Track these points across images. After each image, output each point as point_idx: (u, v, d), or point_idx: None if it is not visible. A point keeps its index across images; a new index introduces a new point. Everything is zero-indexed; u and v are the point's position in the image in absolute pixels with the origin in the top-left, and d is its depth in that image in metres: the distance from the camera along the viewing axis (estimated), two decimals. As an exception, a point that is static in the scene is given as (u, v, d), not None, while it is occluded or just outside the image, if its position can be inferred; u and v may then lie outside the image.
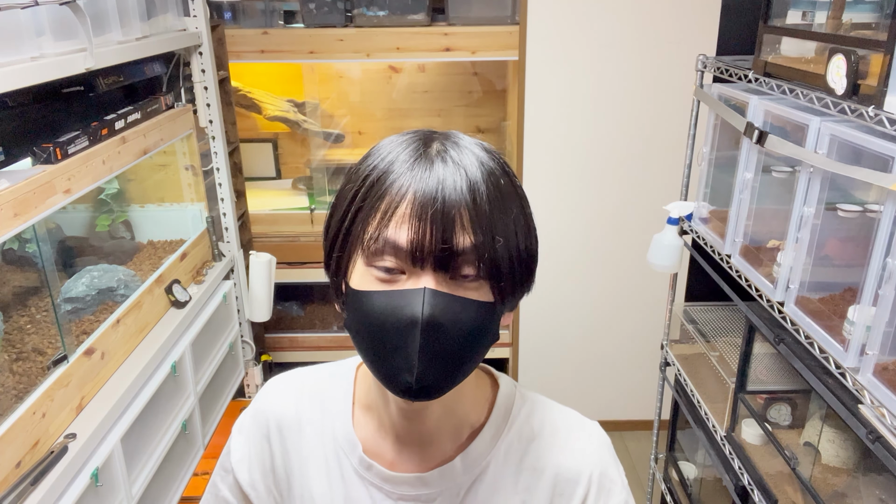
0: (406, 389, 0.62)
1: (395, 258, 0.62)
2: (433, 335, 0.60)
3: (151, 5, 1.77)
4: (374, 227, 0.62)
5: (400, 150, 0.65)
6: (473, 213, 0.61)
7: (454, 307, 0.61)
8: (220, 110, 2.14)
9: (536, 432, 0.75)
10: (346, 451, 0.75)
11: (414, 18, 2.34)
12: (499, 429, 0.74)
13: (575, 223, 2.53)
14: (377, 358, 0.64)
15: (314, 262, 2.62)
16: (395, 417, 0.73)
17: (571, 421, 0.77)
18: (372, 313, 0.62)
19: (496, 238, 0.62)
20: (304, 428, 0.78)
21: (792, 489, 1.51)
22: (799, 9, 1.49)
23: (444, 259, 0.61)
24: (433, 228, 0.60)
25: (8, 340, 1.37)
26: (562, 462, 0.74)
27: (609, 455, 0.76)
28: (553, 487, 0.73)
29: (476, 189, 0.62)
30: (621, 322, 2.68)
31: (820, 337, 1.27)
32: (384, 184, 0.63)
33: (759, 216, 1.59)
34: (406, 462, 0.74)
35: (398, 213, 0.61)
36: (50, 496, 1.20)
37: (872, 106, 1.11)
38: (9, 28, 1.20)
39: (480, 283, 0.63)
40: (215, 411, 2.04)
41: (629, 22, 2.28)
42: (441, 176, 0.61)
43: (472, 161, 0.63)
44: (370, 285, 0.63)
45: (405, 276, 0.62)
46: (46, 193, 1.29)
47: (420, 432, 0.73)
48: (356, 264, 0.65)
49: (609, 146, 2.43)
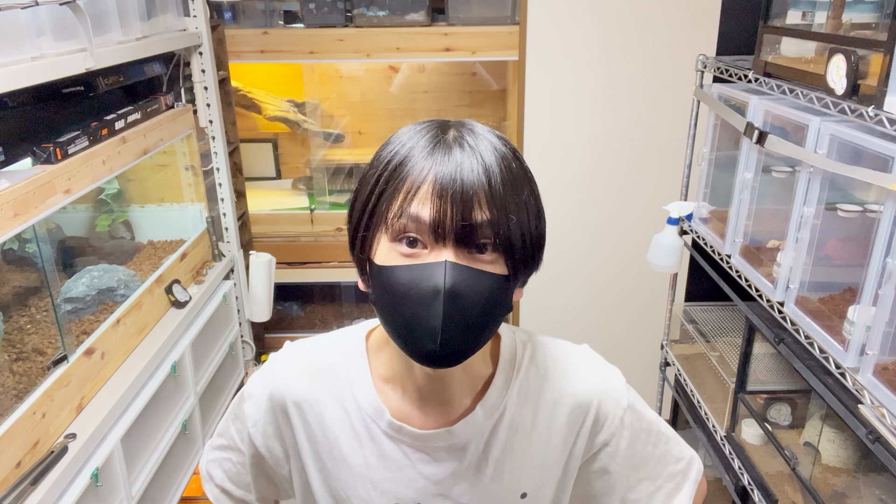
0: (430, 357, 0.68)
1: (417, 233, 0.67)
2: (454, 304, 0.65)
3: (151, 5, 1.77)
4: (398, 204, 0.67)
5: (419, 137, 0.70)
6: (489, 193, 0.66)
7: (473, 278, 0.67)
8: (220, 110, 2.13)
9: (542, 370, 0.83)
10: (374, 418, 0.79)
11: (414, 18, 2.34)
12: (508, 374, 0.82)
13: (575, 223, 2.53)
14: (403, 328, 0.68)
15: (314, 262, 2.62)
16: (421, 382, 0.78)
17: (568, 351, 0.87)
18: (397, 286, 0.67)
19: (509, 216, 0.67)
20: (322, 400, 0.81)
21: (792, 489, 1.51)
22: (799, 9, 1.49)
23: (463, 234, 0.66)
24: (453, 206, 0.65)
25: (8, 340, 1.37)
26: (574, 389, 0.83)
27: (606, 371, 0.86)
28: (570, 413, 0.82)
29: (491, 172, 0.67)
30: (621, 322, 2.67)
31: (820, 337, 1.27)
32: (406, 167, 0.68)
33: (759, 216, 1.59)
34: (432, 421, 0.79)
35: (421, 192, 0.67)
36: (50, 496, 1.20)
37: (872, 106, 1.11)
38: (9, 28, 1.20)
39: (496, 257, 0.68)
40: (215, 411, 2.04)
41: (629, 22, 2.28)
42: (459, 160, 0.67)
43: (486, 147, 0.69)
44: (395, 260, 0.68)
45: (427, 250, 0.67)
46: (46, 193, 1.29)
47: (443, 393, 0.79)
48: (380, 242, 0.70)
49: (609, 146, 2.43)
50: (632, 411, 0.85)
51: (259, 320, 2.39)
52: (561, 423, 0.82)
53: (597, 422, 0.84)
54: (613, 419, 0.84)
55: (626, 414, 0.85)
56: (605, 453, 0.85)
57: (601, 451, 0.85)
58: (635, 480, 0.87)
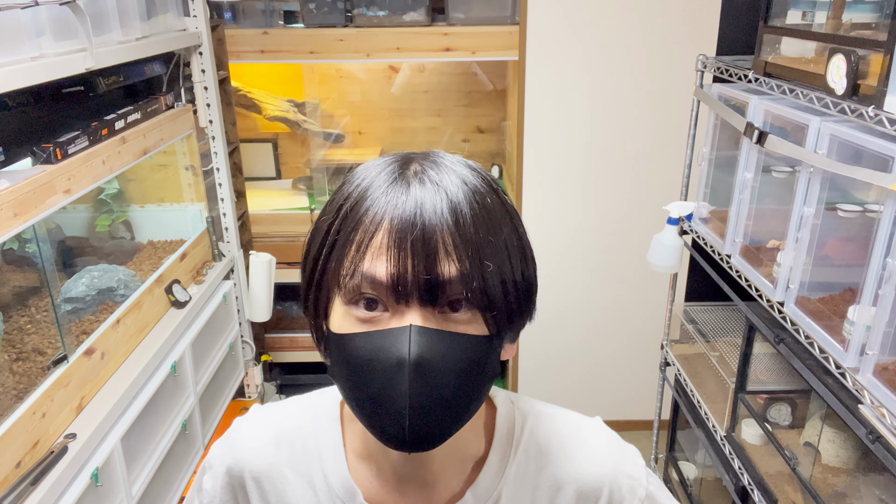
0: (399, 441, 0.57)
1: (374, 293, 0.56)
2: (423, 378, 0.55)
3: (151, 5, 1.77)
4: (350, 261, 0.57)
5: (375, 174, 0.60)
6: (457, 236, 0.55)
7: (444, 344, 0.55)
8: (220, 110, 2.13)
9: (544, 448, 0.70)
10: (345, 500, 0.69)
11: (414, 18, 2.34)
12: (504, 453, 0.69)
13: (575, 223, 2.53)
14: (365, 407, 0.58)
15: (314, 262, 2.62)
16: (397, 463, 0.67)
17: (575, 426, 0.73)
18: (354, 358, 0.57)
19: (485, 263, 0.56)
20: (286, 476, 0.71)
21: (792, 489, 1.51)
22: (799, 9, 1.49)
23: (429, 291, 0.55)
24: (414, 258, 0.54)
25: (8, 340, 1.37)
26: (580, 473, 0.69)
27: (620, 450, 0.72)
28: (576, 501, 0.69)
29: (458, 210, 0.56)
30: (621, 322, 2.68)
31: (820, 337, 1.27)
32: (358, 212, 0.57)
33: (759, 216, 1.59)
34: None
35: (374, 243, 0.56)
36: (50, 496, 1.20)
37: (872, 106, 1.11)
38: (9, 28, 1.20)
39: (472, 314, 0.57)
40: (215, 411, 2.04)
41: (629, 22, 2.28)
42: (419, 198, 0.56)
43: (453, 180, 0.58)
44: (351, 327, 0.58)
45: (388, 314, 0.57)
46: (46, 193, 1.29)
47: (424, 475, 0.68)
48: (335, 305, 0.59)
49: (609, 146, 2.43)
50: (651, 503, 0.70)
51: (259, 320, 2.39)
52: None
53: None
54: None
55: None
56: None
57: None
58: None
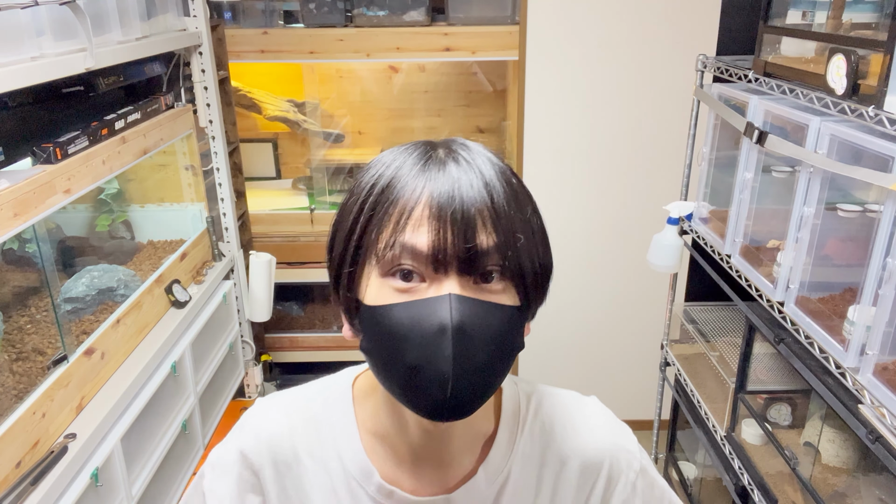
0: (439, 408, 0.58)
1: (413, 265, 0.58)
2: (464, 343, 0.56)
3: (151, 5, 1.77)
4: (389, 233, 0.58)
5: (405, 156, 0.62)
6: (492, 210, 0.58)
7: (483, 312, 0.57)
8: (220, 110, 2.13)
9: (549, 426, 0.74)
10: (361, 481, 0.70)
11: (414, 18, 2.34)
12: (512, 432, 0.72)
13: (575, 223, 2.53)
14: (405, 378, 0.58)
15: (314, 262, 2.62)
16: (416, 441, 0.68)
17: (575, 404, 0.77)
18: (394, 329, 0.57)
19: (517, 236, 0.59)
20: (302, 461, 0.72)
21: (792, 489, 1.51)
22: (799, 9, 1.49)
23: (468, 261, 0.57)
24: (454, 229, 0.56)
25: (8, 340, 1.37)
26: (583, 448, 0.73)
27: (617, 427, 0.77)
28: (580, 474, 0.73)
29: (492, 186, 0.59)
30: (621, 322, 2.67)
31: (820, 337, 1.27)
32: (395, 188, 0.59)
33: (759, 216, 1.59)
34: (428, 485, 0.70)
35: (415, 215, 0.57)
36: (50, 496, 1.20)
37: (872, 106, 1.11)
38: (9, 28, 1.20)
39: (505, 285, 0.60)
40: (215, 411, 2.04)
41: (629, 22, 2.28)
42: (456, 175, 0.59)
43: (483, 161, 0.61)
44: (388, 298, 0.58)
45: (426, 284, 0.58)
46: (46, 193, 1.29)
47: (441, 454, 0.69)
48: (370, 279, 0.60)
49: (609, 146, 2.43)
50: (644, 476, 0.75)
51: (259, 320, 2.39)
52: (569, 485, 0.73)
53: (609, 486, 0.74)
54: (626, 484, 0.74)
55: (639, 479, 0.75)
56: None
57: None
58: None
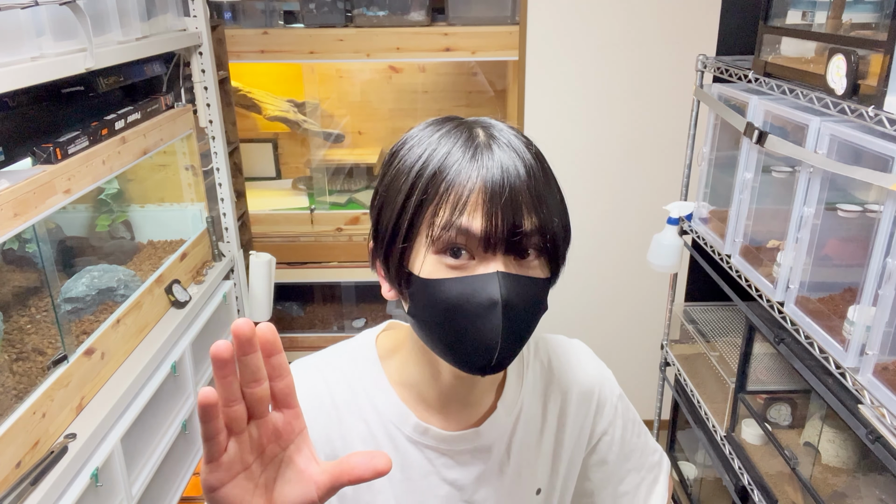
0: (483, 368, 0.67)
1: (466, 244, 0.65)
2: (510, 315, 0.64)
3: (151, 5, 1.77)
4: (447, 216, 0.64)
5: (448, 139, 0.68)
6: (534, 194, 0.65)
7: (523, 287, 0.66)
8: (220, 110, 2.13)
9: (546, 364, 0.85)
10: (397, 423, 0.78)
11: (414, 18, 2.34)
12: (519, 372, 0.83)
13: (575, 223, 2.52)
14: (455, 342, 0.67)
15: (314, 262, 2.62)
16: (447, 387, 0.76)
17: (567, 346, 0.90)
18: (449, 300, 0.65)
19: (553, 219, 0.67)
20: (339, 410, 0.79)
21: (792, 489, 1.51)
22: (799, 9, 1.49)
23: (515, 243, 0.65)
24: (504, 214, 0.64)
25: (8, 340, 1.37)
26: (579, 379, 0.86)
27: (599, 362, 0.90)
28: (578, 403, 0.85)
29: (532, 171, 0.66)
30: (621, 322, 2.67)
31: (820, 337, 1.27)
32: (448, 173, 0.65)
33: (759, 216, 1.59)
34: (456, 423, 0.79)
35: (470, 201, 0.64)
36: (50, 496, 1.20)
37: (872, 106, 1.11)
38: (9, 28, 1.20)
39: (538, 260, 0.68)
40: (215, 411, 2.04)
41: (629, 22, 2.28)
42: (503, 162, 0.65)
43: (519, 144, 0.67)
44: (441, 273, 0.66)
45: (475, 261, 0.66)
46: (46, 193, 1.29)
47: (469, 396, 0.78)
48: (422, 254, 0.67)
49: (609, 146, 2.43)
50: (622, 400, 0.89)
51: (259, 320, 2.38)
52: (571, 413, 0.84)
53: (598, 410, 0.86)
54: (610, 407, 0.87)
55: (619, 402, 0.88)
56: (603, 442, 0.88)
57: (600, 440, 0.87)
58: (625, 471, 0.89)
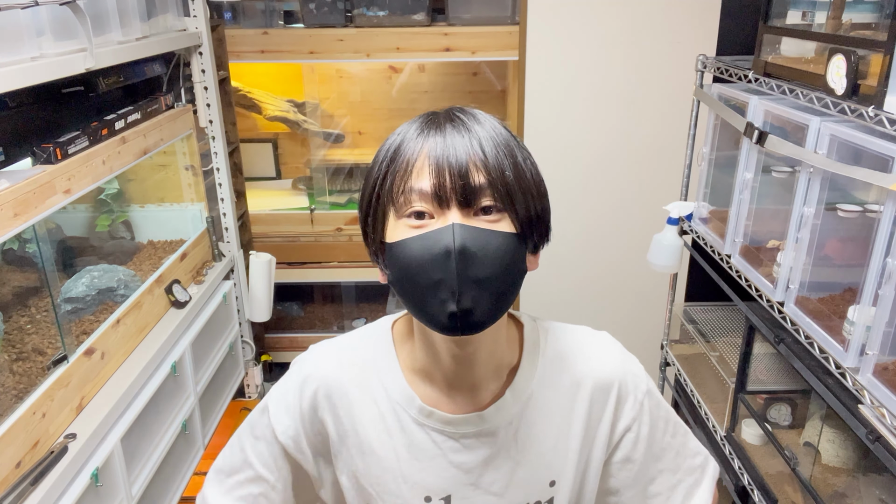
0: (453, 320, 0.69)
1: (422, 203, 0.70)
2: (468, 262, 0.68)
3: (151, 5, 1.77)
4: (399, 180, 0.71)
5: (411, 124, 0.76)
6: (483, 156, 0.71)
7: (482, 236, 0.69)
8: (220, 110, 2.13)
9: (563, 354, 0.85)
10: (404, 405, 0.81)
11: (414, 18, 2.34)
12: (533, 362, 0.83)
13: (574, 223, 2.53)
14: (421, 298, 0.70)
15: (314, 262, 2.62)
16: (448, 367, 0.79)
17: (588, 336, 0.88)
18: (410, 257, 0.70)
19: (506, 174, 0.71)
20: (351, 391, 0.83)
21: (792, 489, 1.51)
22: (799, 9, 1.49)
23: (465, 195, 0.69)
24: (450, 171, 0.69)
25: (8, 340, 1.37)
26: (594, 371, 0.84)
27: (625, 354, 0.87)
28: (591, 395, 0.83)
29: (482, 138, 0.72)
30: (621, 322, 2.67)
31: (820, 337, 1.27)
32: (402, 149, 0.73)
33: (759, 216, 1.59)
34: (461, 407, 0.81)
35: (418, 164, 0.71)
36: (50, 496, 1.20)
37: (872, 106, 1.11)
38: (9, 28, 1.20)
39: (501, 216, 0.71)
40: (215, 411, 2.04)
41: (629, 22, 2.28)
42: (450, 131, 0.72)
43: (479, 119, 0.74)
44: (405, 234, 0.71)
45: (434, 220, 0.70)
46: (46, 193, 1.29)
47: (470, 378, 0.80)
48: (389, 222, 0.73)
49: (609, 146, 2.43)
50: (650, 397, 0.86)
51: (259, 320, 2.39)
52: (583, 405, 0.83)
53: (619, 404, 0.84)
54: (634, 403, 0.84)
55: (646, 399, 0.85)
56: (627, 440, 0.85)
57: (623, 437, 0.85)
58: (656, 471, 0.87)
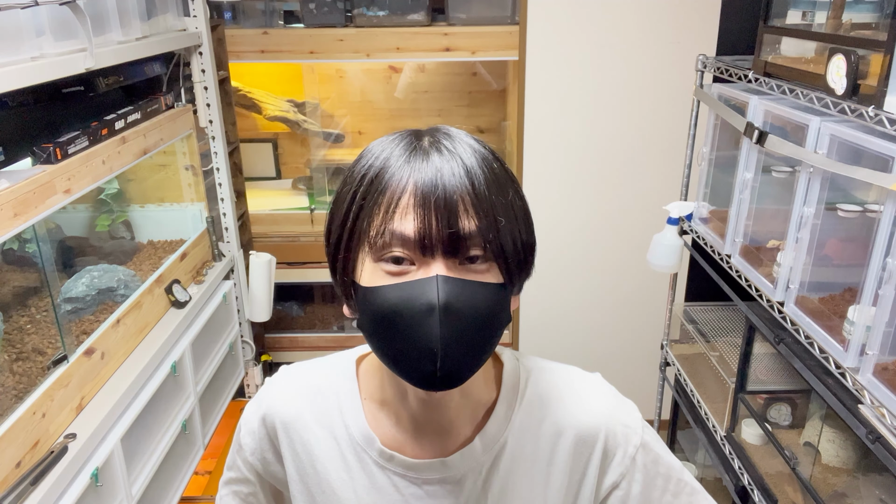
0: (429, 380, 0.63)
1: (403, 250, 0.63)
2: (451, 320, 0.61)
3: (151, 5, 1.77)
4: (379, 221, 0.63)
5: (392, 147, 0.67)
6: (474, 197, 0.63)
7: (468, 291, 0.62)
8: (220, 110, 2.13)
9: (545, 399, 0.76)
10: (364, 447, 0.75)
11: (414, 18, 2.34)
12: (510, 404, 0.76)
13: (575, 223, 2.53)
14: (397, 352, 0.64)
15: (314, 262, 2.62)
16: (416, 409, 0.73)
17: (575, 379, 0.79)
18: (387, 307, 0.63)
19: (498, 219, 0.64)
20: (310, 426, 0.77)
21: (792, 489, 1.51)
22: (799, 9, 1.49)
23: (452, 244, 0.62)
24: (437, 216, 0.61)
25: (8, 340, 1.37)
26: (578, 419, 0.75)
27: (616, 401, 0.77)
28: (574, 446, 0.74)
29: (473, 174, 0.64)
30: (621, 322, 2.67)
31: (820, 337, 1.27)
32: (383, 179, 0.64)
33: (759, 216, 1.59)
34: (427, 450, 0.74)
35: (401, 204, 0.62)
36: (50, 496, 1.20)
37: (872, 106, 1.11)
38: (9, 28, 1.20)
39: (489, 265, 0.64)
40: (215, 411, 2.04)
41: (629, 22, 2.28)
42: (438, 165, 0.63)
43: (465, 149, 0.65)
44: (381, 280, 0.64)
45: (415, 266, 0.63)
46: (46, 193, 1.29)
47: (440, 421, 0.73)
48: (364, 263, 0.66)
49: (609, 146, 2.43)
50: (646, 451, 0.76)
51: (259, 320, 2.39)
52: (564, 456, 0.75)
53: (605, 458, 0.75)
54: (624, 457, 0.75)
55: (640, 453, 0.75)
56: (615, 497, 0.76)
57: (610, 494, 0.76)
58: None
